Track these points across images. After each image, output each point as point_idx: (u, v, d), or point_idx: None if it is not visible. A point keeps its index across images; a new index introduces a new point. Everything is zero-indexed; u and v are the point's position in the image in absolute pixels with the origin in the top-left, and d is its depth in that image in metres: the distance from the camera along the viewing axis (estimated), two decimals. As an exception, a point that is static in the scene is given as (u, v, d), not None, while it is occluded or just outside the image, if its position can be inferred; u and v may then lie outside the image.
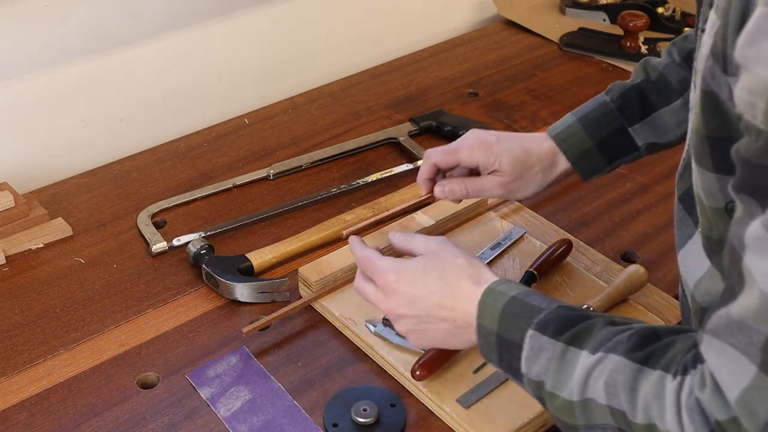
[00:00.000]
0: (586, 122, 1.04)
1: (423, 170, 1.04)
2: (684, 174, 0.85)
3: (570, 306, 0.79)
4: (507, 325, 0.79)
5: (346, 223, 1.22)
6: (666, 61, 1.06)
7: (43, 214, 1.23)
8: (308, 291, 1.11)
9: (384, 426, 0.94)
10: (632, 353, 0.71)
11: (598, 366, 0.72)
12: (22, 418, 0.97)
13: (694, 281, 0.80)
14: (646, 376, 0.70)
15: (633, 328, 0.74)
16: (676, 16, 1.81)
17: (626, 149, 1.05)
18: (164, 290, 1.14)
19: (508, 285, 0.83)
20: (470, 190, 1.02)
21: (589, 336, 0.75)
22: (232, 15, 1.53)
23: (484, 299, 0.82)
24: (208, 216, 1.28)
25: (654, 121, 1.04)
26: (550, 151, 1.04)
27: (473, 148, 1.01)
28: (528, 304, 0.79)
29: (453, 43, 1.77)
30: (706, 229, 0.74)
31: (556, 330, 0.76)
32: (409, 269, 0.86)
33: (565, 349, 0.75)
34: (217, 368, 1.02)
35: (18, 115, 1.34)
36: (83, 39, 1.36)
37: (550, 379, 0.76)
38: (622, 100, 1.05)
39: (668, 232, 1.25)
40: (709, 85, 0.67)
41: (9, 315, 1.10)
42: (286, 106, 1.54)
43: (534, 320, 0.78)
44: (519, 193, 1.04)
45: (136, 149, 1.42)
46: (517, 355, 0.78)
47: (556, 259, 1.13)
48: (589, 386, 0.73)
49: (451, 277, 0.85)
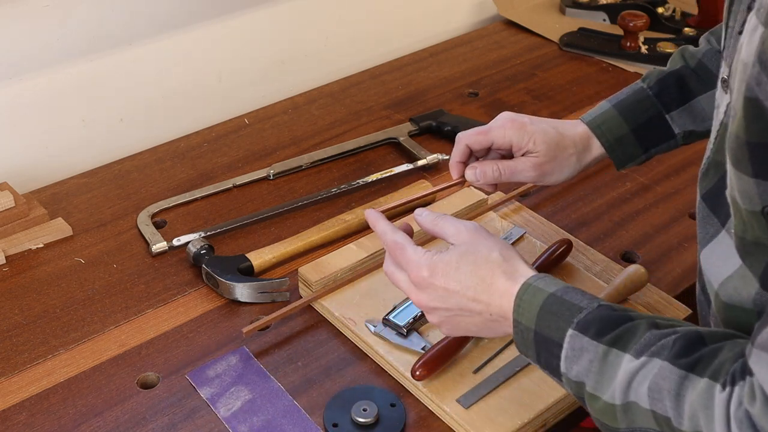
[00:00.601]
0: (622, 108, 1.02)
1: (455, 153, 1.01)
2: (708, 173, 0.83)
3: (611, 305, 0.78)
4: (546, 322, 0.78)
5: (346, 223, 1.22)
6: (705, 49, 1.04)
7: (43, 214, 1.23)
8: (308, 291, 1.11)
9: (384, 426, 0.94)
10: (678, 359, 0.70)
11: (641, 370, 0.72)
12: (22, 418, 0.97)
13: (719, 280, 0.79)
14: (692, 384, 0.69)
15: (678, 332, 0.73)
16: (676, 16, 1.81)
17: (663, 137, 1.03)
18: (164, 290, 1.14)
19: (545, 281, 0.81)
20: (503, 171, 0.99)
21: (632, 339, 0.74)
22: (232, 15, 1.52)
23: (520, 295, 0.81)
24: (208, 216, 1.28)
25: (692, 107, 1.02)
26: (584, 134, 1.02)
27: (506, 127, 0.99)
28: (567, 302, 0.78)
29: (453, 43, 1.77)
30: (740, 230, 0.73)
31: (597, 331, 0.75)
32: (442, 263, 0.84)
33: (607, 351, 0.74)
34: (217, 368, 1.02)
35: (18, 115, 1.34)
36: (83, 39, 1.36)
37: (591, 381, 0.75)
38: (660, 86, 1.03)
39: (668, 232, 1.26)
40: (754, 91, 0.65)
41: (9, 315, 1.10)
42: (286, 106, 1.54)
43: (574, 319, 0.77)
44: (552, 177, 1.01)
45: (136, 149, 1.42)
46: (557, 354, 0.78)
47: (556, 259, 1.13)
48: (632, 390, 0.72)
49: (485, 272, 0.83)
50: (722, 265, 0.79)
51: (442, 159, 1.38)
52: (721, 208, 0.80)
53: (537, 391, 0.97)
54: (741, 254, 0.75)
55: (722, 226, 0.81)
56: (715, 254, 0.81)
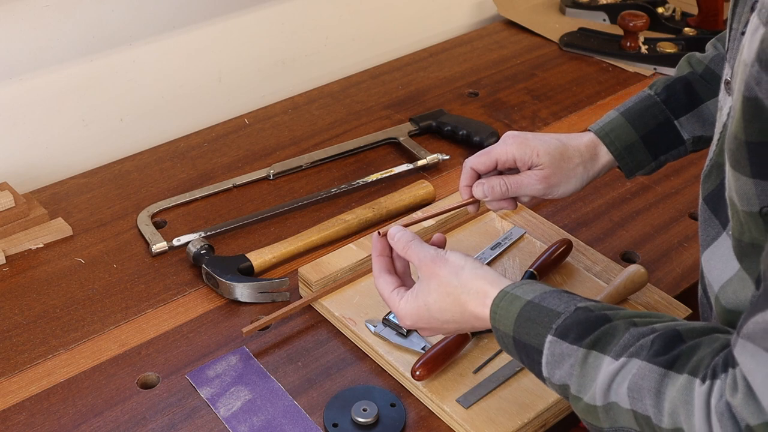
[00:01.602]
0: (630, 116, 1.02)
1: (462, 178, 1.02)
2: (710, 175, 0.83)
3: (588, 306, 0.78)
4: (524, 329, 0.79)
5: (346, 223, 1.22)
6: (712, 54, 1.04)
7: (43, 214, 1.23)
8: (308, 291, 1.11)
9: (384, 426, 0.94)
10: (656, 357, 0.71)
11: (621, 371, 0.72)
12: (22, 418, 0.97)
13: (720, 283, 0.80)
14: (672, 380, 0.69)
15: (656, 330, 0.73)
16: (676, 16, 1.81)
17: (672, 143, 1.03)
18: (164, 290, 1.14)
19: (522, 288, 0.82)
20: (510, 186, 1.00)
21: (611, 340, 0.74)
22: (232, 15, 1.52)
23: (497, 303, 0.82)
24: (208, 216, 1.28)
25: (701, 113, 1.02)
26: (590, 143, 1.02)
27: (508, 144, 1.00)
28: (545, 308, 0.79)
29: (453, 43, 1.77)
30: (738, 232, 0.73)
31: (576, 336, 0.76)
32: (416, 309, 0.87)
33: (587, 354, 0.75)
34: (217, 368, 1.02)
35: (18, 115, 1.34)
36: (83, 39, 1.36)
37: (573, 384, 0.76)
38: (668, 93, 1.03)
39: (668, 232, 1.26)
40: (753, 91, 0.65)
41: (9, 315, 1.10)
42: (286, 106, 1.54)
43: (552, 325, 0.77)
44: (560, 189, 1.01)
45: (136, 149, 1.42)
46: (537, 360, 0.78)
47: (556, 259, 1.13)
48: (612, 391, 0.73)
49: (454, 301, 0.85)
50: (723, 268, 0.79)
51: (442, 159, 1.38)
52: (723, 211, 0.79)
53: (537, 391, 0.97)
54: (738, 257, 0.75)
55: (723, 228, 0.81)
56: (715, 257, 0.81)
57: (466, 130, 1.43)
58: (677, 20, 1.81)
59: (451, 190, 1.32)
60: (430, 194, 1.29)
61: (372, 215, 1.24)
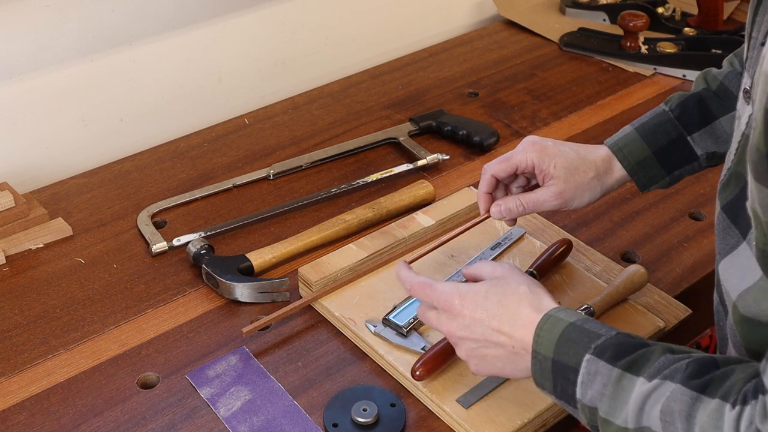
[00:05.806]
0: (644, 131, 1.03)
1: (482, 185, 1.03)
2: (729, 184, 0.83)
3: (629, 333, 0.79)
4: (564, 350, 0.79)
5: (346, 223, 1.22)
6: (727, 71, 1.05)
7: (43, 214, 1.23)
8: (308, 291, 1.11)
9: (384, 426, 0.94)
10: (689, 381, 0.71)
11: (653, 393, 0.72)
12: (22, 418, 0.97)
13: (738, 291, 0.79)
14: (703, 405, 0.69)
15: (691, 356, 0.73)
16: (676, 16, 1.82)
17: (685, 159, 1.04)
18: (164, 290, 1.14)
19: (566, 312, 0.82)
20: (526, 205, 1.01)
21: (646, 363, 0.74)
22: (232, 15, 1.53)
23: (541, 326, 0.82)
24: (208, 216, 1.28)
25: (714, 129, 1.03)
26: (606, 157, 1.03)
27: (527, 150, 1.00)
28: (586, 330, 0.79)
29: (453, 43, 1.77)
30: (762, 243, 0.73)
31: (613, 355, 0.76)
32: (471, 292, 0.86)
33: (621, 375, 0.75)
34: (217, 368, 1.02)
35: (18, 115, 1.34)
36: (83, 39, 1.36)
37: (604, 405, 0.76)
38: (681, 109, 1.04)
39: (668, 232, 1.26)
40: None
41: (9, 315, 1.10)
42: (286, 106, 1.54)
43: (592, 345, 0.78)
44: (575, 202, 1.02)
45: (136, 149, 1.42)
46: (573, 380, 0.78)
47: (556, 259, 1.13)
48: (645, 414, 0.72)
49: (510, 303, 0.84)
50: (742, 276, 0.79)
51: (442, 159, 1.38)
52: (742, 220, 0.79)
53: (537, 391, 0.96)
54: (762, 266, 0.75)
55: (743, 237, 0.80)
56: (734, 265, 0.81)
57: (466, 130, 1.43)
58: (677, 20, 1.81)
59: (451, 190, 1.32)
60: (430, 194, 1.29)
61: (372, 215, 1.24)
